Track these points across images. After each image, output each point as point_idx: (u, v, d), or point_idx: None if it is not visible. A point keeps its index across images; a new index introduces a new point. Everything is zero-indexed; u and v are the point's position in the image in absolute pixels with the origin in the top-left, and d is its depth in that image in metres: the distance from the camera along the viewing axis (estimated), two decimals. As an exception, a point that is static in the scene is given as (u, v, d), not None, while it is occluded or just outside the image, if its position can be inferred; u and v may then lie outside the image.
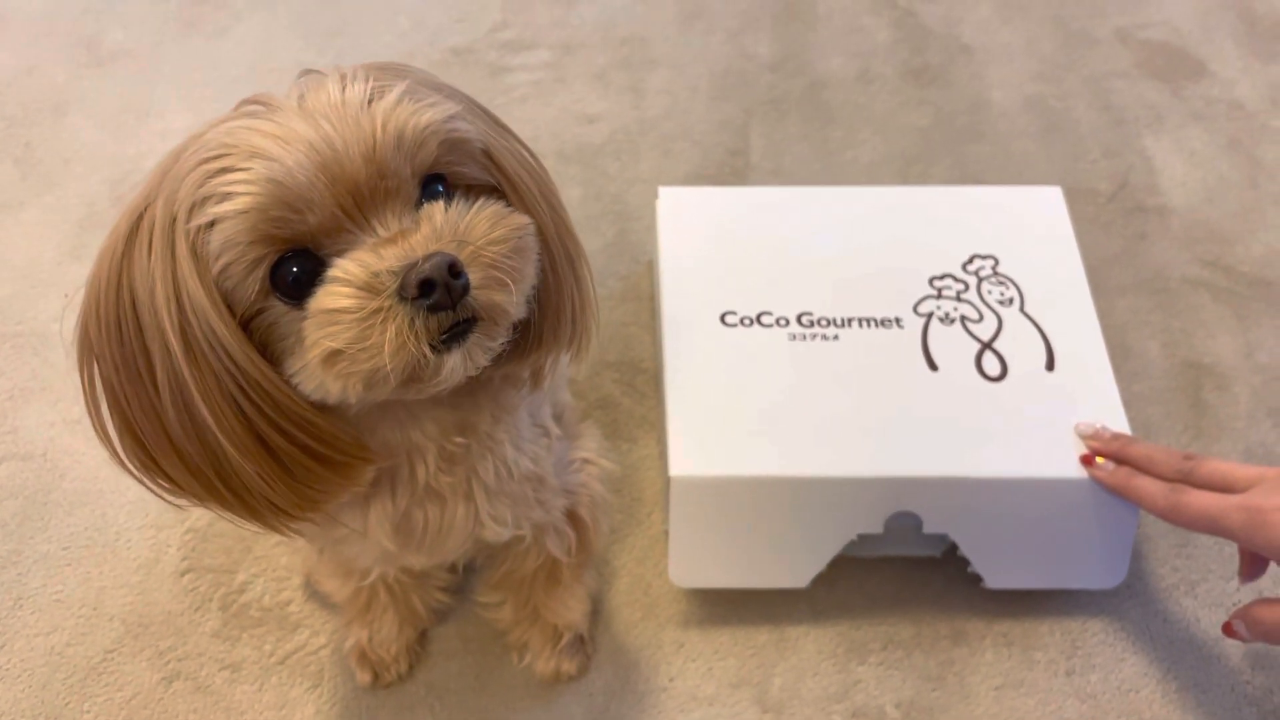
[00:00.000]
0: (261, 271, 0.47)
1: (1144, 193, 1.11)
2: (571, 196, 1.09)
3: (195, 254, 0.46)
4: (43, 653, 0.81)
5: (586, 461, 0.73)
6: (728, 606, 0.84)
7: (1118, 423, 0.80)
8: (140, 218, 0.48)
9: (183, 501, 0.53)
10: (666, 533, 0.81)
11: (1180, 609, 0.85)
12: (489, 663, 0.82)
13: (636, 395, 0.96)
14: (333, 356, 0.46)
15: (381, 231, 0.48)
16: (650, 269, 1.02)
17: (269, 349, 0.49)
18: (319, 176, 0.46)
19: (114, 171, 1.11)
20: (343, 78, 0.48)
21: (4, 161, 1.12)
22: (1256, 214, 1.09)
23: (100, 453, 0.90)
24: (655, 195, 0.95)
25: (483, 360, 0.50)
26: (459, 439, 0.58)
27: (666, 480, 0.78)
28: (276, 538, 0.86)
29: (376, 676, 0.79)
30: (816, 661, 0.82)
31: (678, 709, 0.80)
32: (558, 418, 0.71)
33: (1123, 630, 0.84)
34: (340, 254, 0.47)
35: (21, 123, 1.15)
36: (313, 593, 0.84)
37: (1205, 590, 0.86)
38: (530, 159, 0.56)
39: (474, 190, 0.52)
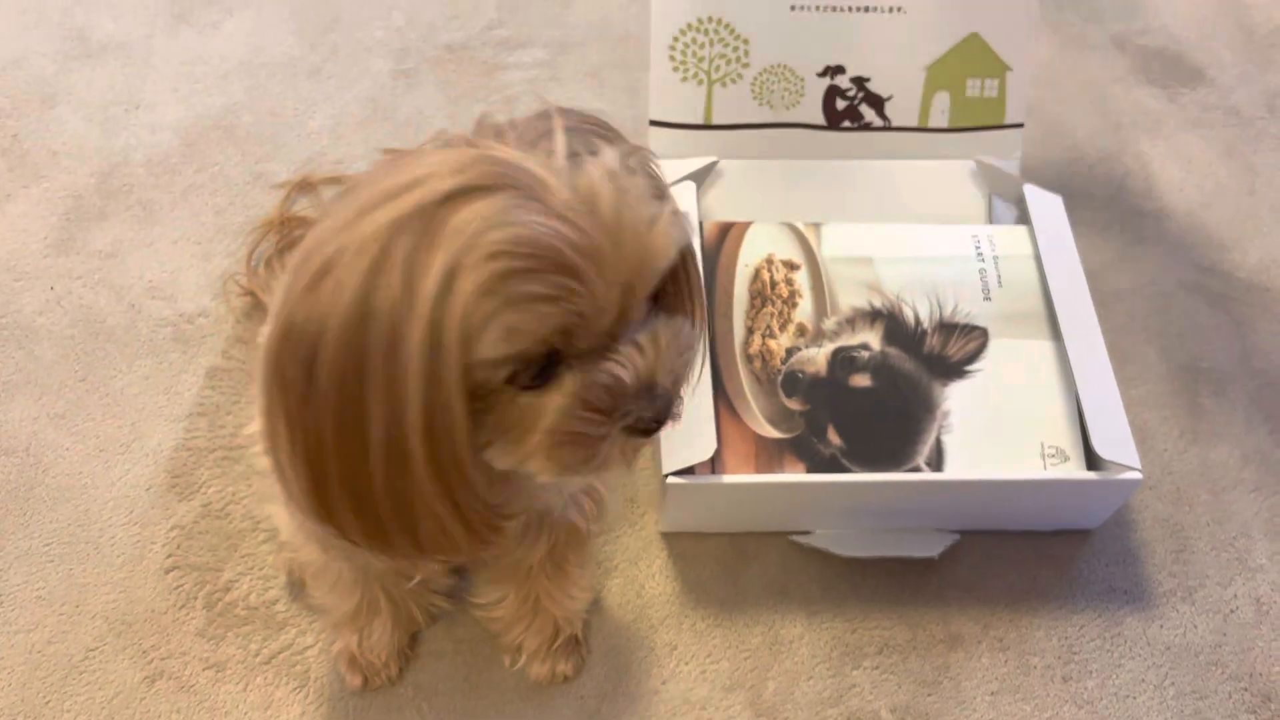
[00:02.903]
0: (512, 364, 0.46)
1: (1141, 198, 1.11)
2: (566, 195, 1.08)
3: (463, 339, 0.44)
4: (23, 650, 0.80)
5: None
6: (721, 609, 0.83)
7: None
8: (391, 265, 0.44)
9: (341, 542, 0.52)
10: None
11: (1177, 615, 0.84)
12: (479, 664, 0.80)
13: (630, 395, 0.95)
14: (558, 449, 0.49)
15: (620, 346, 0.48)
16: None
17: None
18: (609, 300, 0.46)
19: (102, 164, 1.10)
20: (603, 166, 0.46)
21: (-10, 153, 1.10)
22: (1253, 220, 1.09)
23: (85, 447, 0.89)
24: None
25: None
26: None
27: None
28: (263, 535, 0.86)
29: (366, 680, 0.78)
30: (811, 665, 0.81)
31: (670, 713, 0.79)
32: None
33: (1120, 636, 0.83)
34: (582, 359, 0.48)
35: (9, 114, 1.13)
36: (298, 593, 0.83)
37: (1202, 596, 0.85)
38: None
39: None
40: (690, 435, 0.79)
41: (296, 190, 1.04)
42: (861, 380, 0.83)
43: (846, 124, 0.99)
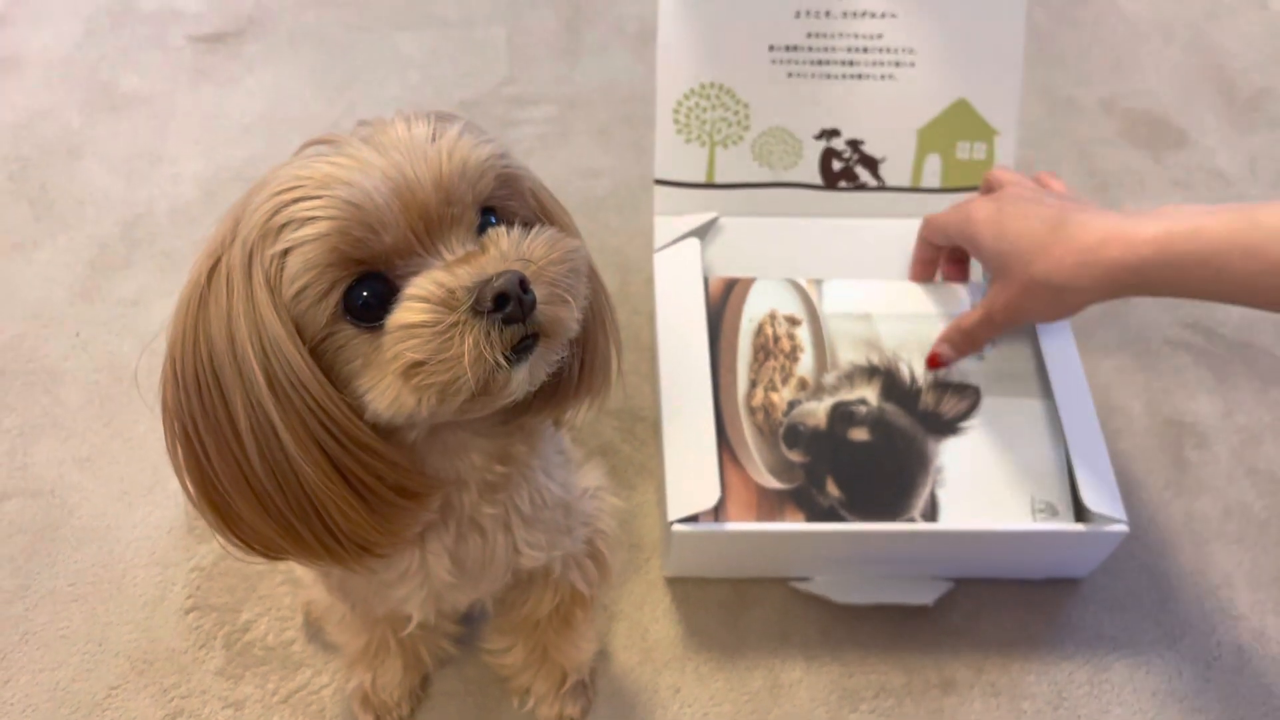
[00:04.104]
0: (336, 295, 0.49)
1: (1127, 256, 1.15)
2: (574, 248, 1.12)
3: (269, 284, 0.48)
4: (47, 688, 0.82)
5: (599, 488, 0.75)
6: (723, 652, 0.86)
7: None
8: (216, 264, 0.49)
9: (257, 560, 0.54)
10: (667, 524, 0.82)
11: (1163, 661, 0.87)
12: (488, 704, 0.83)
13: (636, 442, 0.98)
14: (413, 368, 0.48)
15: (448, 255, 0.50)
16: (650, 320, 1.05)
17: (335, 373, 0.50)
18: (394, 200, 0.48)
19: (126, 214, 1.14)
20: (406, 118, 0.51)
21: (19, 202, 1.14)
22: (1235, 279, 1.13)
23: (109, 490, 0.92)
24: (654, 248, 0.99)
25: (543, 374, 0.52)
26: (499, 468, 0.60)
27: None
28: (280, 576, 0.88)
29: (378, 719, 0.81)
30: (810, 708, 0.84)
31: (674, 753, 0.81)
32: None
33: (1108, 682, 0.86)
34: (412, 275, 0.50)
35: (37, 164, 1.18)
36: (315, 633, 0.86)
37: (1187, 644, 0.88)
38: (562, 207, 0.59)
39: (520, 225, 0.54)
40: (694, 483, 0.82)
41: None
42: (860, 434, 0.87)
43: (843, 184, 1.03)
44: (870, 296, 0.94)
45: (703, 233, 1.01)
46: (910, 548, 0.84)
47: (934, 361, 0.88)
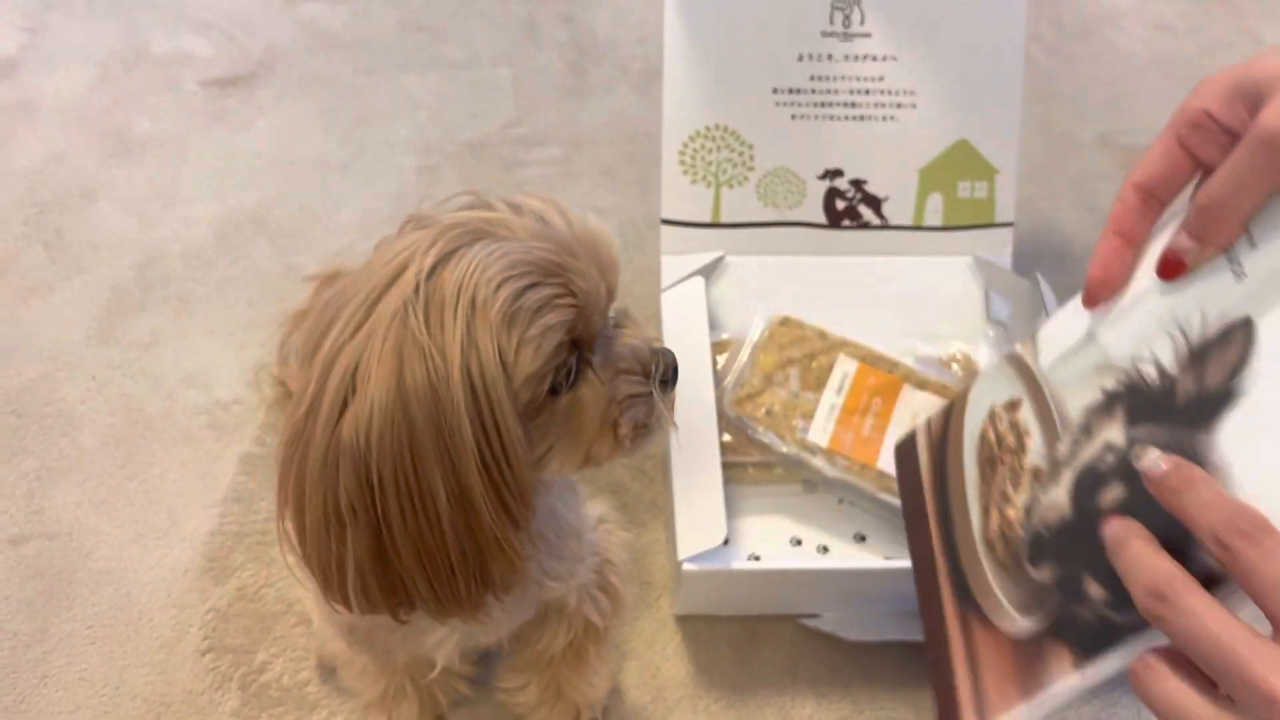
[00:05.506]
0: (551, 370, 0.52)
1: (1127, 290, 1.16)
2: (582, 287, 1.13)
3: (506, 372, 0.50)
4: (66, 731, 0.83)
5: (602, 519, 0.77)
6: (733, 690, 0.87)
7: None
8: (427, 361, 0.50)
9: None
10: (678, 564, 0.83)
11: (1170, 696, 0.88)
12: (502, 744, 0.84)
13: (645, 480, 0.99)
14: (615, 431, 0.57)
15: (612, 328, 0.58)
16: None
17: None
18: (601, 284, 0.55)
19: (140, 257, 1.15)
20: (555, 205, 0.56)
21: (34, 246, 1.16)
22: (1234, 312, 1.15)
23: (125, 532, 0.93)
24: (661, 286, 1.00)
25: None
26: None
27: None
28: (295, 617, 0.89)
29: (394, 760, 0.82)
30: (820, 746, 0.85)
31: (686, 792, 0.82)
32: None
33: (1116, 717, 0.87)
34: (597, 347, 0.56)
35: (52, 208, 1.19)
36: (329, 674, 0.86)
37: (1193, 678, 0.89)
38: None
39: None
40: (702, 522, 0.83)
41: (326, 283, 1.09)
42: (1113, 494, 0.56)
43: (846, 223, 1.05)
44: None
45: (709, 271, 1.02)
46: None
47: (1169, 266, 0.54)
